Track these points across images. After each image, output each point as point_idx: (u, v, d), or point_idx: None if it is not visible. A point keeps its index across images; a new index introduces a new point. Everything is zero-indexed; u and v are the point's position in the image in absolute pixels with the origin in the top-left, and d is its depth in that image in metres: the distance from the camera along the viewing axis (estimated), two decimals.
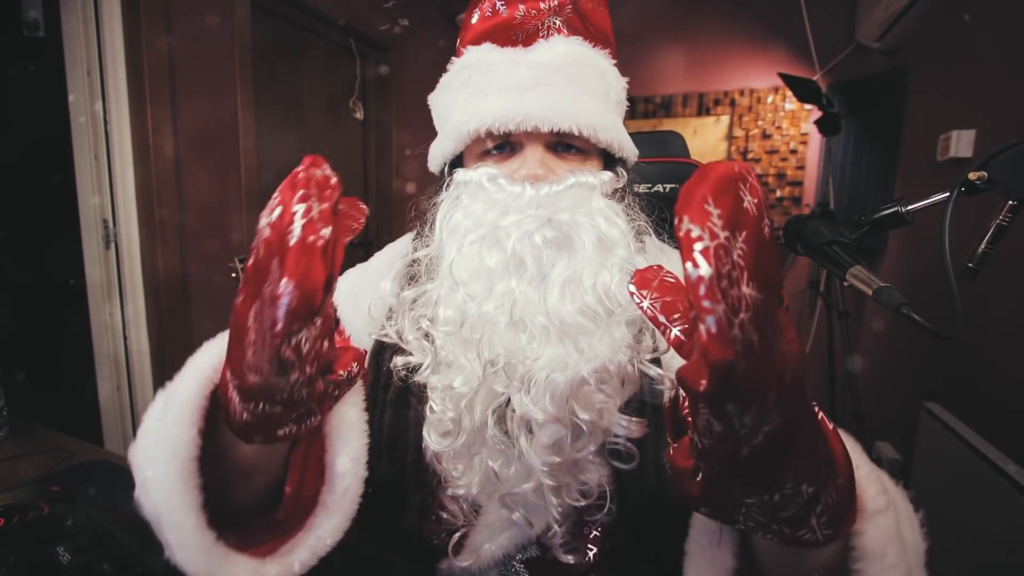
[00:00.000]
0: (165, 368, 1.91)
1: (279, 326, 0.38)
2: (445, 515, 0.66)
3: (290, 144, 2.54)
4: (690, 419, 0.37)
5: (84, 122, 1.73)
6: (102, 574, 0.82)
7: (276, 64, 2.41)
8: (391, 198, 3.09)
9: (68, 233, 1.78)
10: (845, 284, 0.74)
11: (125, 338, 1.86)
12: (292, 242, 0.37)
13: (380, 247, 0.85)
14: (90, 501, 1.02)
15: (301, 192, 0.38)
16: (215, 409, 0.49)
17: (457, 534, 0.64)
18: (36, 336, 1.79)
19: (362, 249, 3.03)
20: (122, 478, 1.16)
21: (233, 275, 2.04)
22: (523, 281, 0.60)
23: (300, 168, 0.39)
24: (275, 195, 0.39)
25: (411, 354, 0.64)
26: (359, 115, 2.91)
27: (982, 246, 0.71)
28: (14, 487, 1.07)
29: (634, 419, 0.59)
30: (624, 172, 0.71)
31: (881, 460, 2.41)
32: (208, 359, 0.51)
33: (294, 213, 0.37)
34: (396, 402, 0.68)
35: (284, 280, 0.37)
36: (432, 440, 0.61)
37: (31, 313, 1.77)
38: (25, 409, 1.49)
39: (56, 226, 1.80)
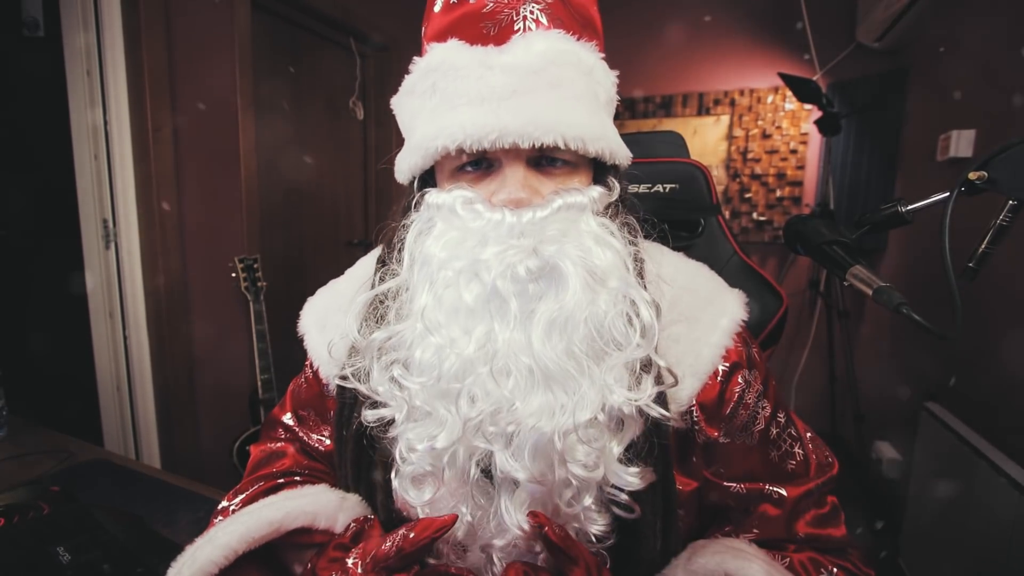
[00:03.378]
0: (165, 368, 1.91)
1: None
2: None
3: (290, 144, 2.54)
4: None
5: (84, 122, 1.73)
6: (102, 574, 0.82)
7: (276, 64, 2.41)
8: (391, 199, 3.09)
9: (68, 233, 1.78)
10: (845, 284, 0.75)
11: (125, 338, 1.86)
12: None
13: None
14: (90, 501, 1.02)
15: None
16: None
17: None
18: (36, 336, 1.79)
19: (362, 248, 3.03)
20: (122, 478, 1.16)
21: (233, 275, 2.04)
22: (505, 324, 0.54)
23: None
24: None
25: (382, 404, 0.58)
26: (359, 115, 2.91)
27: (982, 246, 0.71)
28: (14, 487, 1.07)
29: (635, 469, 0.55)
30: (616, 182, 0.64)
31: (881, 460, 2.41)
32: (210, 552, 0.56)
33: None
34: (358, 442, 0.65)
35: None
36: (408, 494, 0.58)
37: (31, 313, 1.77)
38: (25, 409, 1.49)
39: (56, 226, 1.80)
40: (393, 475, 0.60)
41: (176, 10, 1.84)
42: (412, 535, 0.54)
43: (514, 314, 0.54)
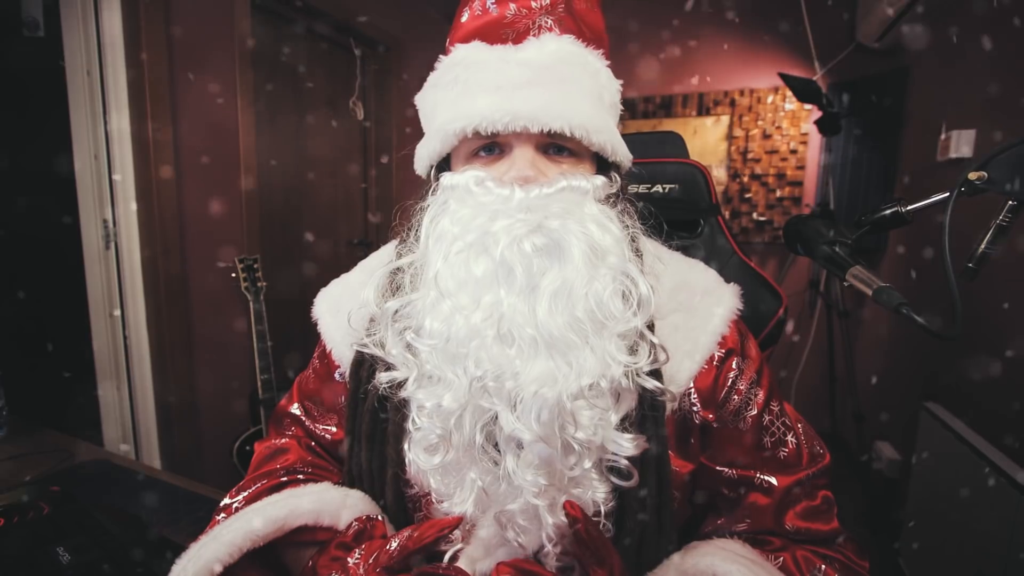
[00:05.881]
0: (165, 368, 1.91)
1: None
2: None
3: (290, 144, 2.54)
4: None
5: (84, 122, 1.73)
6: (102, 574, 0.82)
7: (276, 64, 2.41)
8: (391, 199, 3.09)
9: (68, 233, 1.78)
10: (845, 284, 0.75)
11: (125, 338, 1.86)
12: None
13: (379, 248, 0.85)
14: (90, 501, 1.02)
15: None
16: None
17: (452, 550, 0.62)
18: (36, 336, 1.79)
19: (362, 248, 3.03)
20: (122, 478, 1.16)
21: (232, 275, 2.04)
22: (512, 292, 0.57)
23: None
24: None
25: (395, 368, 0.62)
26: (359, 115, 2.91)
27: (982, 246, 0.71)
28: (14, 487, 1.07)
29: (631, 435, 0.57)
30: (618, 177, 0.69)
31: (881, 460, 2.41)
32: (215, 549, 0.57)
33: None
34: (373, 413, 0.67)
35: None
36: (419, 458, 0.60)
37: (31, 313, 1.77)
38: (25, 409, 1.49)
39: (56, 226, 1.80)
40: (406, 445, 0.62)
41: (176, 10, 1.84)
42: (416, 534, 0.56)
43: (520, 282, 0.57)
